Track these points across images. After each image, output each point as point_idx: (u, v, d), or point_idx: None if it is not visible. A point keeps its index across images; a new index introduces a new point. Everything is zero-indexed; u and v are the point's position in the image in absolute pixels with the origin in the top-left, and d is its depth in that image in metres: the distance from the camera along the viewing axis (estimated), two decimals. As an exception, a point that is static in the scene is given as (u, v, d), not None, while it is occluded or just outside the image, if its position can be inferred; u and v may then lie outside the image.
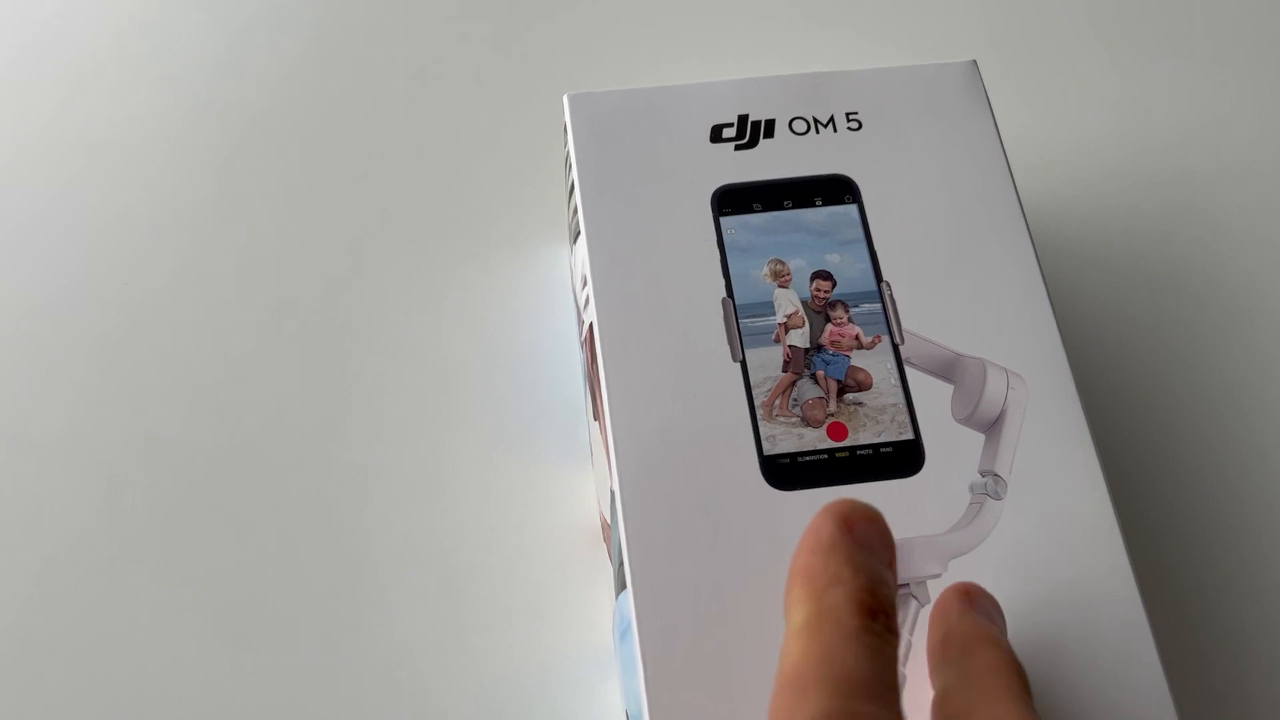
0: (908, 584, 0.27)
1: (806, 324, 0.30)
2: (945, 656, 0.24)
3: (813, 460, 0.28)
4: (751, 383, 0.29)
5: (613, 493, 0.28)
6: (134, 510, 0.37)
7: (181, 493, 0.37)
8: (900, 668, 0.26)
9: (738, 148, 0.33)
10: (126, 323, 0.40)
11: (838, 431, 0.29)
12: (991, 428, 0.29)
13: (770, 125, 0.33)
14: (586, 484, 0.36)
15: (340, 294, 0.41)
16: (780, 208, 0.32)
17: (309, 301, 0.40)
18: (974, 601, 0.25)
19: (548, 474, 0.37)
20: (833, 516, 0.23)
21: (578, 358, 0.39)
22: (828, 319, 0.30)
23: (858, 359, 0.30)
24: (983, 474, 0.28)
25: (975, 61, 0.34)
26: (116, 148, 0.44)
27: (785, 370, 0.30)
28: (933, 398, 0.29)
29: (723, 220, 0.31)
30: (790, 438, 0.29)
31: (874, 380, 0.30)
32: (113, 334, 0.40)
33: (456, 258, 0.41)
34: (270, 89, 0.45)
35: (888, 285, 0.31)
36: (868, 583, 0.23)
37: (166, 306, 0.40)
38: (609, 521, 0.30)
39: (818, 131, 0.33)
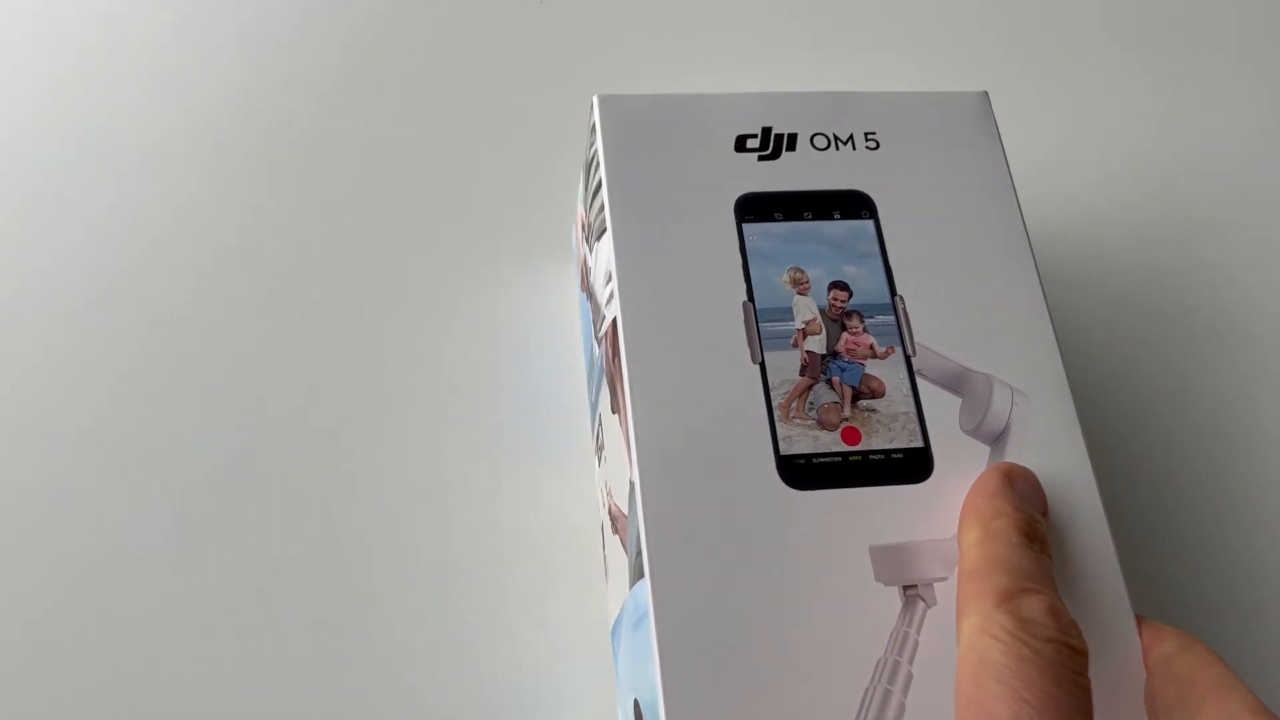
0: (915, 585, 0.28)
1: (824, 331, 0.31)
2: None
3: (827, 462, 0.29)
4: (770, 384, 0.30)
5: (632, 484, 0.29)
6: (150, 506, 0.37)
7: (195, 491, 0.37)
8: (907, 665, 0.27)
9: (760, 158, 0.33)
10: (150, 325, 0.40)
11: (851, 436, 0.30)
12: (996, 440, 0.30)
13: (793, 139, 0.34)
14: (585, 486, 0.37)
15: (354, 301, 0.41)
16: (800, 218, 0.33)
17: (323, 308, 0.41)
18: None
19: (548, 476, 0.37)
20: (997, 470, 0.29)
21: (581, 360, 0.39)
22: (844, 328, 0.31)
23: (871, 368, 0.31)
24: (989, 484, 0.29)
25: (987, 92, 0.36)
26: (146, 157, 0.44)
27: (802, 374, 0.30)
28: (942, 409, 0.30)
29: (745, 226, 0.32)
30: (806, 439, 0.29)
31: (887, 389, 0.30)
32: (137, 336, 0.40)
33: (464, 267, 0.42)
34: (293, 106, 0.46)
35: (901, 299, 0.32)
36: (1026, 517, 0.27)
37: (187, 310, 0.40)
38: (624, 513, 0.30)
39: (837, 148, 0.34)
